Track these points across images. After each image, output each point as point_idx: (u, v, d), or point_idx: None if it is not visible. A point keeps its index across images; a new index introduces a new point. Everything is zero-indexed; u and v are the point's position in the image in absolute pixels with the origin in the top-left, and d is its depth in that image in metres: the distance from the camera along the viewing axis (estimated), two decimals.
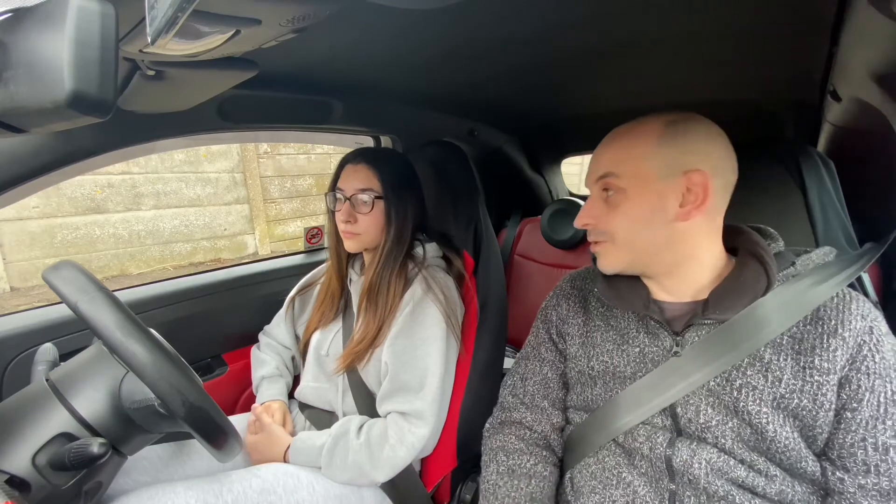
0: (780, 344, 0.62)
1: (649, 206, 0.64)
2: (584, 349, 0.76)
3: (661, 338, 0.68)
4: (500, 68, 0.91)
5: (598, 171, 0.68)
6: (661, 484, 0.66)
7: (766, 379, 0.61)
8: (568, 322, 0.79)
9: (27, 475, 0.57)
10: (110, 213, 3.78)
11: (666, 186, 0.63)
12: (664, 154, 0.63)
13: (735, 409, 0.62)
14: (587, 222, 0.70)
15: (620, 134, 0.68)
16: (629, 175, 0.65)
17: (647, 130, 0.65)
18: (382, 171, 0.95)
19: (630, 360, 0.70)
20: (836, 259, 0.67)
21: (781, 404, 0.60)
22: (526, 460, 0.76)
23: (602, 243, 0.70)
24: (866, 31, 0.56)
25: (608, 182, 0.67)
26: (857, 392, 0.58)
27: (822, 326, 0.60)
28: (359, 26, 0.63)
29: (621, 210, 0.66)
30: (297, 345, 1.15)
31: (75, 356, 0.69)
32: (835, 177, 0.82)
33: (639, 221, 0.65)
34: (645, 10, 0.64)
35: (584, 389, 0.76)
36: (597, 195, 0.70)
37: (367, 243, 0.98)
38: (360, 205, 0.94)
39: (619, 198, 0.66)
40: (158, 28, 0.35)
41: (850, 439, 0.59)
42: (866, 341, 0.59)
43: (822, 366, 0.59)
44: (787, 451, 0.60)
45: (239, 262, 2.23)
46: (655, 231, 0.65)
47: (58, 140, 0.73)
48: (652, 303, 0.70)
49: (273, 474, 0.84)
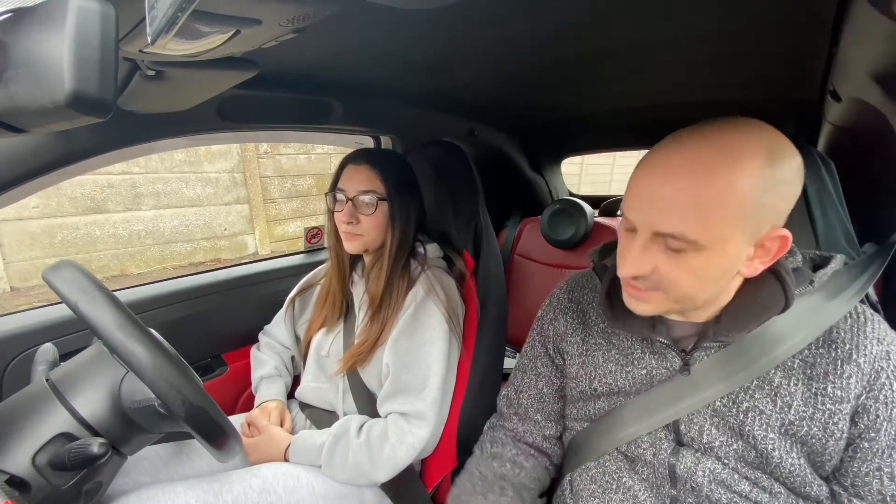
0: (791, 368, 0.59)
1: (725, 265, 0.54)
2: (584, 369, 0.72)
3: (668, 358, 0.65)
4: (500, 68, 0.91)
5: (661, 226, 0.52)
6: (663, 490, 0.65)
7: (775, 404, 0.58)
8: (566, 339, 0.75)
9: (27, 475, 0.57)
10: (110, 213, 3.78)
11: (745, 244, 0.53)
12: (756, 213, 0.50)
13: (740, 432, 0.60)
14: (642, 273, 0.55)
15: (699, 176, 0.50)
16: (710, 238, 0.51)
17: (742, 177, 0.49)
18: (385, 173, 0.95)
19: (635, 381, 0.67)
20: (844, 268, 0.64)
21: (790, 431, 0.58)
22: (509, 450, 0.77)
23: (649, 292, 0.58)
24: (866, 31, 0.56)
25: (676, 242, 0.52)
26: (875, 422, 0.56)
27: (835, 351, 0.57)
28: (359, 26, 0.63)
29: (689, 266, 0.53)
30: (298, 345, 1.15)
31: (75, 356, 0.69)
32: (835, 177, 0.82)
33: (708, 280, 0.55)
34: (645, 10, 0.64)
35: (585, 404, 0.74)
36: (649, 240, 0.54)
37: (368, 244, 0.98)
38: (364, 206, 0.94)
39: (690, 254, 0.52)
40: (158, 28, 0.35)
41: (866, 468, 0.57)
42: (884, 367, 0.56)
43: (834, 394, 0.56)
44: (791, 475, 0.59)
45: (239, 262, 2.23)
46: (720, 286, 0.57)
47: (58, 140, 0.73)
48: (658, 323, 0.65)
49: (273, 474, 0.84)
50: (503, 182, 1.79)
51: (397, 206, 0.95)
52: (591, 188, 7.55)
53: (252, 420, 0.99)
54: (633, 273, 0.56)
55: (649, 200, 0.53)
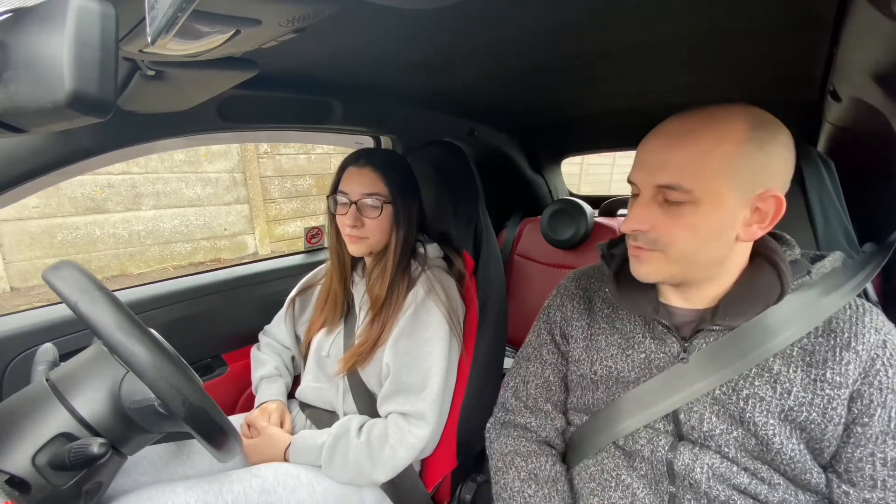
0: (791, 355, 0.60)
1: (720, 222, 0.57)
2: (587, 353, 0.74)
3: (668, 343, 0.67)
4: (500, 68, 0.91)
5: (660, 178, 0.58)
6: (661, 486, 0.66)
7: (775, 390, 0.60)
8: (572, 324, 0.77)
9: (27, 475, 0.57)
10: (110, 213, 3.78)
11: (739, 202, 0.57)
12: (745, 167, 0.56)
13: (741, 420, 0.61)
14: (640, 228, 0.61)
15: (693, 133, 0.57)
16: (703, 189, 0.56)
17: (729, 135, 0.56)
18: (388, 175, 0.94)
19: (635, 365, 0.69)
20: (843, 265, 0.66)
21: (789, 417, 0.59)
22: (544, 462, 0.75)
23: (649, 251, 0.62)
24: (866, 31, 0.56)
25: (674, 193, 0.58)
26: (869, 407, 0.57)
27: (834, 339, 0.59)
28: (358, 26, 0.63)
29: (687, 222, 0.58)
30: (298, 345, 1.15)
31: (75, 356, 0.69)
32: (835, 177, 0.82)
33: (705, 237, 0.58)
34: (645, 11, 0.64)
35: (584, 393, 0.75)
36: (651, 197, 0.60)
37: (372, 247, 0.98)
38: (368, 209, 0.93)
39: (687, 209, 0.57)
40: (158, 28, 0.35)
41: (859, 454, 0.58)
42: (879, 355, 0.57)
43: (833, 379, 0.58)
44: (791, 462, 0.60)
45: (239, 262, 2.23)
46: (718, 248, 0.60)
47: (58, 140, 0.73)
48: (661, 307, 0.67)
49: (273, 474, 0.84)
50: (503, 182, 1.79)
51: (401, 209, 0.95)
52: (591, 188, 7.56)
53: (251, 421, 0.99)
54: (635, 226, 0.61)
55: (650, 160, 0.60)
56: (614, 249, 0.76)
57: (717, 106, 0.58)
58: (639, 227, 0.61)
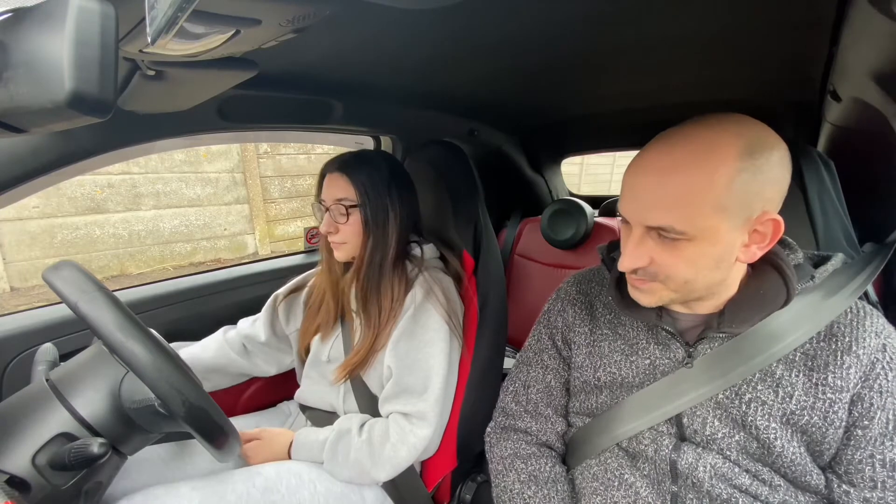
0: (793, 360, 0.60)
1: (718, 253, 0.56)
2: (590, 359, 0.73)
3: (672, 349, 0.66)
4: (500, 68, 0.91)
5: (651, 219, 0.55)
6: (664, 486, 0.66)
7: (777, 394, 0.60)
8: (574, 330, 0.76)
9: (27, 475, 0.57)
10: (110, 213, 3.78)
11: (736, 231, 0.55)
12: (740, 199, 0.52)
13: (743, 423, 0.61)
14: (639, 265, 0.58)
15: (681, 170, 0.53)
16: (697, 228, 0.53)
17: (720, 168, 0.51)
18: (356, 178, 0.93)
19: (639, 371, 0.68)
20: (844, 267, 0.65)
21: (791, 420, 0.59)
22: (544, 464, 0.75)
23: (649, 283, 0.61)
24: (866, 31, 0.56)
25: (668, 233, 0.55)
26: (869, 410, 0.57)
27: (835, 343, 0.59)
28: (359, 26, 0.63)
29: (684, 255, 0.56)
30: (279, 344, 1.13)
31: (75, 356, 0.69)
32: (835, 177, 0.82)
33: (704, 267, 0.57)
34: (645, 10, 0.64)
35: (588, 398, 0.74)
36: (644, 233, 0.58)
37: (352, 252, 0.97)
38: (338, 215, 0.94)
39: (683, 243, 0.55)
40: (158, 28, 0.35)
41: (859, 456, 0.58)
42: (879, 359, 0.58)
43: (835, 383, 0.58)
44: (792, 465, 0.60)
45: (239, 262, 2.23)
46: (718, 274, 0.59)
47: (58, 140, 0.73)
48: (665, 313, 0.67)
49: (276, 472, 0.84)
50: (503, 182, 1.79)
51: (369, 211, 0.93)
52: (591, 188, 7.55)
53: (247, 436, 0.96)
54: (631, 266, 0.59)
55: (637, 197, 0.57)
56: (614, 253, 0.75)
57: (705, 126, 0.54)
58: (637, 266, 0.59)
